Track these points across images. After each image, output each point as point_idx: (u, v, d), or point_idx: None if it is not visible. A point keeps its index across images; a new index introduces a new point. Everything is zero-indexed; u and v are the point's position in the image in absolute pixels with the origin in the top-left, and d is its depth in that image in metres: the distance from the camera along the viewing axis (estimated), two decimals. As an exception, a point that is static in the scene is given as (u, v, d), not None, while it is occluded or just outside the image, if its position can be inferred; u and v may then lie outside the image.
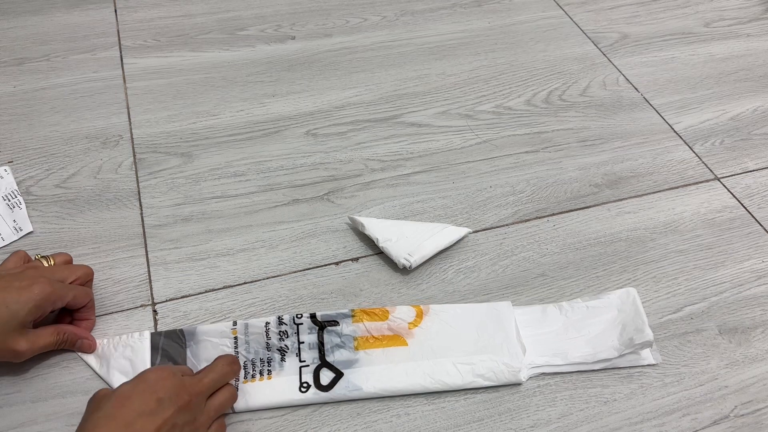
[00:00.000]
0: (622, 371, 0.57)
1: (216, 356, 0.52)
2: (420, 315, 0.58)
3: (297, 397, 0.53)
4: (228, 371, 0.50)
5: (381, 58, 0.87)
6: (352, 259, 0.64)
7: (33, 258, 0.56)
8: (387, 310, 0.58)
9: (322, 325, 0.57)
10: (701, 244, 0.68)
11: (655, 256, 0.66)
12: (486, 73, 0.86)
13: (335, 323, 0.57)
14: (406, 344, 0.56)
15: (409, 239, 0.63)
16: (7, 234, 0.63)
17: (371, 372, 0.55)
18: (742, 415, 0.56)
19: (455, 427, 0.53)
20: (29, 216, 0.64)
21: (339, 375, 0.54)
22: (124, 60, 0.83)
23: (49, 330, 0.52)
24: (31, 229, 0.63)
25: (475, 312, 0.59)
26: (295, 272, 0.63)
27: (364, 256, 0.64)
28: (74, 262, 0.59)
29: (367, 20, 0.92)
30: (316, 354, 0.56)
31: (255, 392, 0.53)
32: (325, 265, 0.63)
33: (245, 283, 0.61)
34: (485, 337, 0.57)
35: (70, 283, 0.53)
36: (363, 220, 0.65)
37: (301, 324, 0.57)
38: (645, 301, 0.62)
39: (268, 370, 0.54)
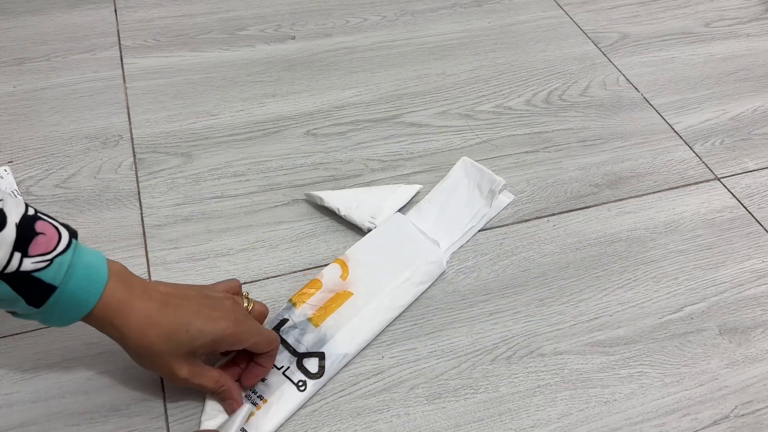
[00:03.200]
0: (622, 372, 0.57)
1: None
2: (344, 265, 0.61)
3: (301, 397, 0.53)
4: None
5: (381, 58, 0.87)
6: (352, 259, 0.64)
7: (242, 294, 0.54)
8: (317, 280, 0.60)
9: (275, 330, 0.56)
10: (701, 244, 0.68)
11: (655, 256, 0.66)
12: (486, 73, 0.86)
13: (284, 321, 0.57)
14: (352, 293, 0.59)
15: (369, 203, 0.66)
16: (7, 234, 0.63)
17: (344, 335, 0.56)
18: (743, 415, 0.56)
19: (455, 427, 0.53)
20: (29, 216, 0.64)
21: (321, 356, 0.55)
22: (124, 60, 0.83)
23: (213, 374, 0.50)
24: (31, 229, 0.63)
25: (382, 235, 0.64)
26: (295, 272, 0.63)
27: (364, 256, 0.64)
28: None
29: (367, 20, 0.92)
30: (287, 354, 0.55)
31: (262, 422, 0.51)
32: (325, 265, 0.63)
33: (245, 283, 0.61)
34: (404, 249, 0.62)
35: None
36: (320, 193, 0.67)
37: None
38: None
39: (258, 396, 0.53)
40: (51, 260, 0.42)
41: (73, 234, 0.45)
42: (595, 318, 0.61)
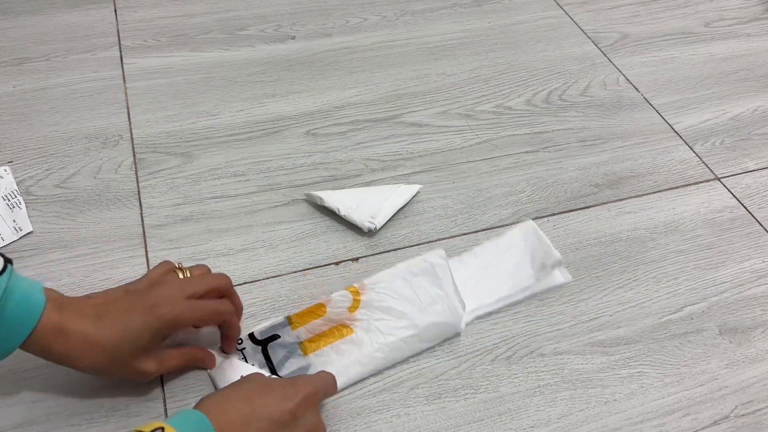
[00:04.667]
0: (622, 372, 0.57)
1: None
2: (357, 296, 0.58)
3: None
4: (330, 383, 0.50)
5: (381, 58, 0.87)
6: (352, 259, 0.64)
7: (176, 266, 0.53)
8: (323, 304, 0.57)
9: (263, 343, 0.56)
10: (701, 244, 0.68)
11: (655, 256, 0.66)
12: (486, 73, 0.86)
13: (275, 337, 0.56)
14: (352, 331, 0.56)
15: (369, 203, 0.65)
16: (7, 234, 0.63)
17: None
18: (743, 415, 0.55)
19: (455, 427, 0.53)
20: (29, 216, 0.64)
21: None
22: (124, 60, 0.83)
23: (176, 353, 0.51)
24: (31, 229, 0.63)
25: (410, 271, 0.59)
26: (295, 272, 0.63)
27: (364, 256, 0.64)
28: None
29: (367, 20, 0.92)
30: (267, 372, 0.54)
31: None
32: (325, 265, 0.63)
33: (245, 283, 0.61)
34: (424, 295, 0.57)
35: (201, 298, 0.50)
36: (320, 193, 0.67)
37: (244, 348, 0.56)
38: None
39: None
40: None
41: (8, 260, 0.44)
42: (595, 318, 0.61)
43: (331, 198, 0.66)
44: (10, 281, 0.43)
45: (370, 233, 0.66)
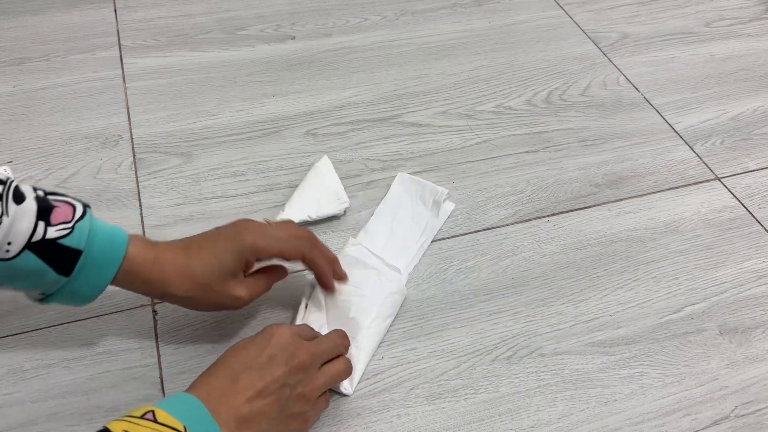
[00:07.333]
0: (623, 372, 0.57)
1: None
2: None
3: None
4: (340, 344, 0.51)
5: (381, 58, 0.87)
6: (352, 259, 0.64)
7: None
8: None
9: None
10: (702, 244, 0.68)
11: (655, 256, 0.66)
12: (486, 73, 0.86)
13: None
14: None
15: (323, 192, 0.67)
16: (7, 234, 0.63)
17: None
18: (743, 415, 0.55)
19: (455, 427, 0.53)
20: (29, 216, 0.64)
21: None
22: (124, 60, 0.83)
23: (262, 278, 0.54)
24: (31, 229, 0.63)
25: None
26: (294, 272, 0.62)
27: (364, 256, 0.64)
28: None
29: (367, 20, 0.92)
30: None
31: None
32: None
33: (245, 283, 0.61)
34: (360, 281, 0.58)
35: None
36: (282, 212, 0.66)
37: None
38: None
39: None
40: (72, 227, 0.46)
41: (86, 205, 0.48)
42: (595, 318, 0.61)
43: (293, 211, 0.65)
44: (92, 222, 0.47)
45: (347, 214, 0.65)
